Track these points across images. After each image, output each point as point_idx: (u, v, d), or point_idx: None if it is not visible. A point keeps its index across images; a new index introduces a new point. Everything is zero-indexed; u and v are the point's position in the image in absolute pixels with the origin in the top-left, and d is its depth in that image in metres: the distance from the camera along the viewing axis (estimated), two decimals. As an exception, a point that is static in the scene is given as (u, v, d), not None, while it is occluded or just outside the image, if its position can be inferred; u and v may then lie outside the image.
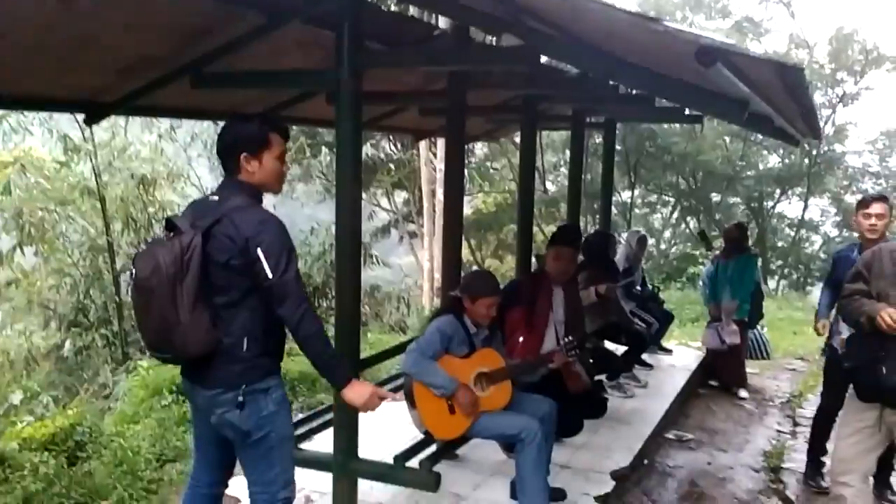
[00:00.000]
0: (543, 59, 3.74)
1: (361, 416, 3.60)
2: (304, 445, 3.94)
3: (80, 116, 9.28)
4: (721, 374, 6.89)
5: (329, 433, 3.76)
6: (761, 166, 19.34)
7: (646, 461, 4.92)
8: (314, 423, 4.06)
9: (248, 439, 2.67)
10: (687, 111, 6.05)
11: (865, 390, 3.22)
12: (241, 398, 2.60)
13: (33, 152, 10.05)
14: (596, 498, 4.16)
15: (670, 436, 5.48)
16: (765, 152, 19.42)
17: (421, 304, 13.69)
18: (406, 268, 18.86)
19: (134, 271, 2.53)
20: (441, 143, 11.27)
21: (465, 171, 15.67)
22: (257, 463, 2.72)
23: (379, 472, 3.65)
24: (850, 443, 3.44)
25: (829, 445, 4.23)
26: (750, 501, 4.45)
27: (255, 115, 2.87)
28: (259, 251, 2.51)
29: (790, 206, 20.56)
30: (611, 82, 4.53)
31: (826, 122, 18.83)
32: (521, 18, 3.11)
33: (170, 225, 2.61)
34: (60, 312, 11.30)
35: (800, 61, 18.42)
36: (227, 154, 2.70)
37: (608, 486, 4.34)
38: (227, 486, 3.01)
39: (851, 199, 19.54)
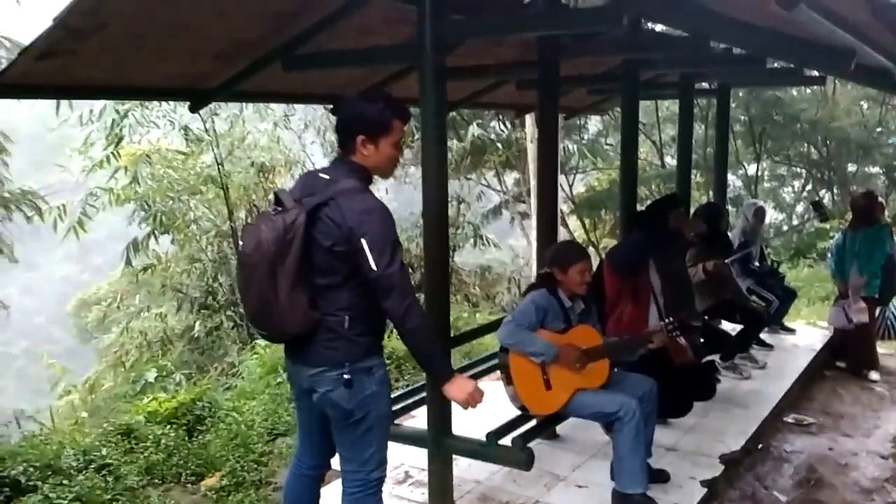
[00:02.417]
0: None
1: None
2: (402, 421, 3.99)
3: (202, 109, 9.87)
4: (849, 356, 6.39)
5: (420, 414, 3.79)
6: (904, 132, 17.80)
7: (760, 445, 4.63)
8: (411, 400, 4.08)
9: (350, 419, 2.68)
10: (806, 72, 5.62)
11: None
12: (346, 375, 2.61)
13: (160, 143, 10.72)
14: (702, 482, 3.96)
15: (789, 419, 5.13)
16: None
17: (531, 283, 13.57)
18: (518, 249, 18.76)
19: (241, 244, 2.60)
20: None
21: (574, 147, 15.39)
22: (355, 442, 2.73)
23: (472, 449, 3.63)
24: None
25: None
26: (875, 490, 4.10)
27: (379, 95, 2.78)
28: (363, 242, 2.49)
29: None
30: (712, 43, 4.24)
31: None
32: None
33: (276, 199, 2.62)
34: (191, 296, 12.02)
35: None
36: (345, 132, 2.67)
37: (717, 470, 4.12)
38: (329, 467, 3.04)
39: None
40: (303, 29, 3.73)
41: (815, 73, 6.01)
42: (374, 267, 2.49)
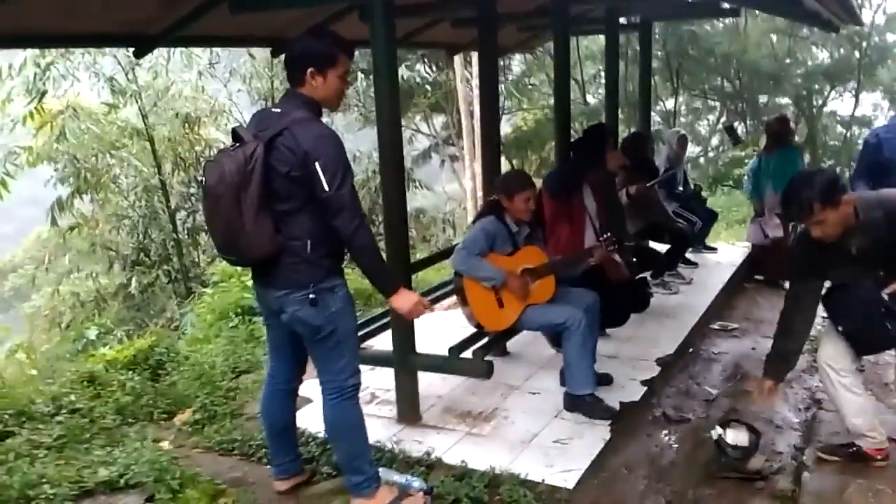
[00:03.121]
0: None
1: (417, 320, 3.90)
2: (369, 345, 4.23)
3: (124, 60, 9.58)
4: (767, 268, 6.94)
5: (388, 336, 4.04)
6: (810, 63, 18.70)
7: (691, 349, 5.10)
8: (373, 326, 4.32)
9: (319, 334, 2.90)
10: (722, 4, 5.95)
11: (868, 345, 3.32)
12: (312, 296, 2.82)
13: (80, 99, 10.37)
14: (642, 382, 4.37)
15: (715, 326, 5.62)
16: (813, 48, 18.74)
17: (467, 224, 13.90)
18: (449, 192, 19.01)
19: (203, 179, 2.75)
20: (476, 60, 11.20)
21: (502, 87, 15.60)
22: (327, 355, 2.96)
23: (435, 364, 3.92)
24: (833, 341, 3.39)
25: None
26: (794, 379, 4.58)
27: (326, 31, 2.95)
28: (317, 165, 2.66)
29: (842, 104, 19.93)
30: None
31: (877, 11, 18.04)
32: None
33: (235, 135, 2.79)
34: (123, 253, 11.85)
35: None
36: (295, 66, 2.82)
37: (654, 371, 4.55)
38: (301, 381, 3.28)
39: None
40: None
41: (727, 5, 6.35)
42: (326, 188, 2.68)
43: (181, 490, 3.20)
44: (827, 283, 3.38)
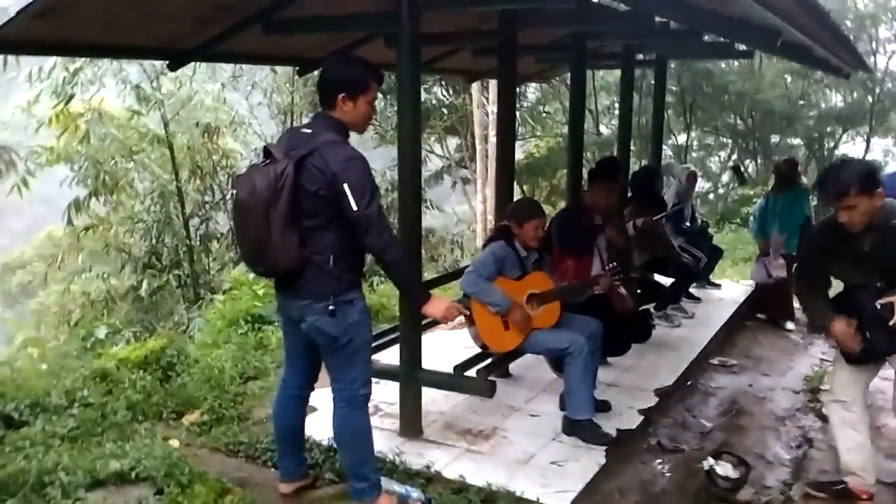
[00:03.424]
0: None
1: (424, 336, 4.04)
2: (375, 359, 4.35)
3: (150, 69, 9.81)
4: (769, 308, 7.04)
5: (394, 351, 4.17)
6: (823, 105, 18.87)
7: (689, 382, 5.21)
8: (381, 341, 4.45)
9: (336, 344, 3.04)
10: (738, 46, 6.11)
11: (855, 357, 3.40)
12: (331, 307, 2.96)
13: (104, 104, 10.61)
14: (640, 411, 4.48)
15: (714, 361, 5.73)
16: (827, 91, 18.91)
17: (475, 246, 14.05)
18: (459, 214, 19.17)
19: (235, 192, 2.91)
20: (493, 86, 11.40)
21: (517, 114, 15.84)
22: (343, 364, 3.10)
23: (440, 381, 4.05)
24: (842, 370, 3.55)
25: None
26: (787, 417, 4.71)
27: (358, 59, 3.13)
28: (345, 186, 2.82)
29: (853, 147, 20.04)
30: (657, 18, 4.67)
31: (890, 58, 18.23)
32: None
33: (266, 152, 2.95)
34: (135, 256, 12.03)
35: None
36: (327, 90, 3.00)
37: (652, 401, 4.66)
38: (312, 389, 3.41)
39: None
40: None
41: (744, 47, 6.53)
42: (354, 208, 2.84)
43: (189, 486, 3.32)
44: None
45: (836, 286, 3.54)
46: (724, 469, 3.52)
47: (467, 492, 3.44)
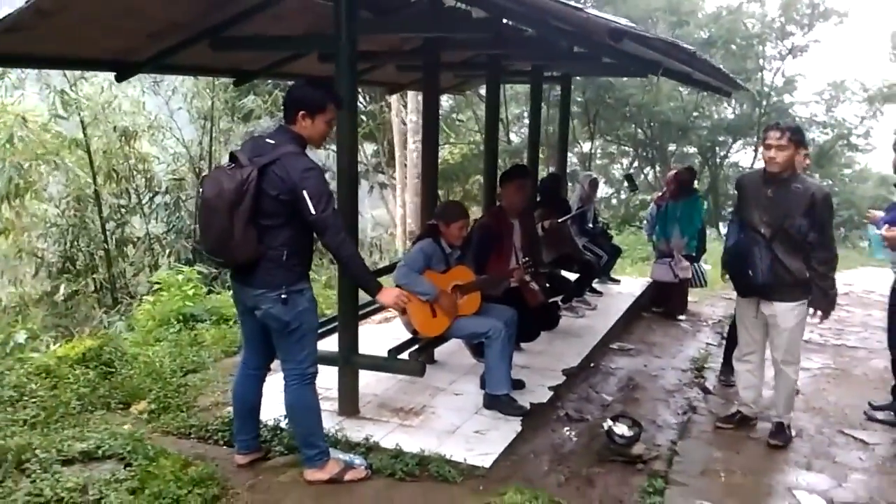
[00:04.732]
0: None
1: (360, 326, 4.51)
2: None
3: (71, 74, 9.82)
4: (667, 303, 7.76)
5: (332, 340, 4.61)
6: (715, 117, 20.34)
7: (592, 364, 5.87)
8: (321, 330, 4.86)
9: (287, 328, 3.48)
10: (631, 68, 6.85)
11: (740, 288, 4.35)
12: (284, 296, 3.40)
13: (19, 106, 10.50)
14: (549, 388, 5.09)
15: (614, 346, 6.44)
16: (718, 104, 20.40)
17: (394, 248, 14.51)
18: (376, 218, 19.61)
19: (202, 191, 3.31)
20: (411, 95, 11.92)
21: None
22: (293, 346, 3.54)
23: (376, 364, 4.53)
24: (743, 329, 4.46)
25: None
26: (675, 390, 5.43)
27: (322, 83, 3.58)
28: (304, 193, 3.26)
29: (744, 155, 21.65)
30: (563, 42, 5.29)
31: (776, 74, 19.87)
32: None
33: (232, 157, 3.36)
34: (48, 261, 11.88)
35: (751, 13, 19.36)
36: (290, 107, 3.42)
37: (560, 379, 5.28)
38: (269, 369, 3.83)
39: (797, 147, 20.72)
40: (230, 15, 4.37)
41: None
42: (312, 212, 3.29)
43: (155, 459, 3.68)
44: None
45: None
46: (621, 429, 4.15)
47: (403, 457, 3.93)
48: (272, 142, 3.40)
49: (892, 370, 4.83)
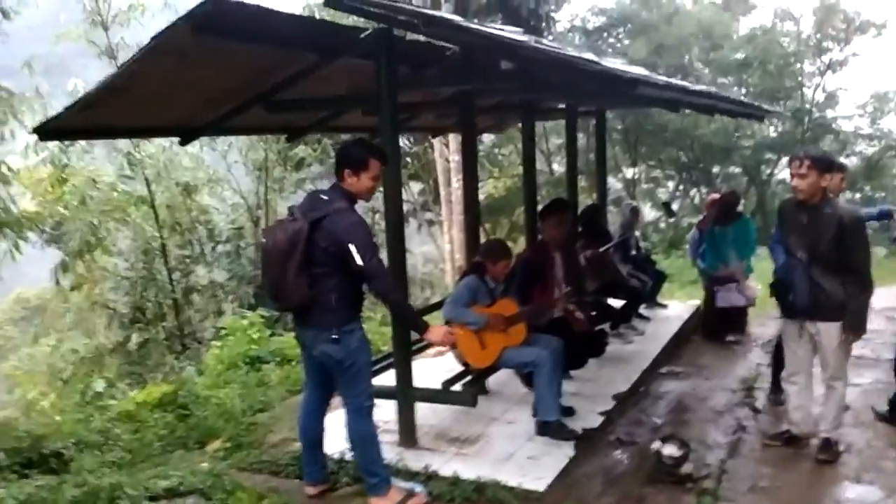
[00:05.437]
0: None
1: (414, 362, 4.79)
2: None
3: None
4: (734, 328, 7.60)
5: (390, 375, 4.89)
6: (759, 136, 20.26)
7: (642, 388, 6.02)
8: (377, 367, 5.16)
9: (342, 366, 3.79)
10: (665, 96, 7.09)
11: (784, 310, 4.47)
12: (335, 336, 3.72)
13: (89, 169, 11.26)
14: (600, 413, 5.27)
15: (663, 370, 6.56)
16: (760, 123, 20.31)
17: (444, 284, 14.82)
18: (426, 254, 19.97)
19: (264, 241, 3.67)
20: (452, 135, 12.29)
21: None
22: (349, 382, 3.85)
23: (431, 396, 4.79)
24: (789, 351, 4.59)
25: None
26: (725, 411, 5.54)
27: (363, 142, 3.93)
28: (351, 246, 3.58)
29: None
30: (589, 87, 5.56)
31: (816, 90, 19.76)
32: (514, 50, 4.14)
33: (290, 211, 3.73)
34: (120, 312, 12.55)
35: (786, 32, 19.36)
36: (338, 167, 3.79)
37: (610, 404, 5.45)
38: (329, 403, 4.14)
39: (846, 161, 20.46)
40: (278, 80, 4.77)
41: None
42: (360, 262, 3.61)
43: (232, 493, 4.00)
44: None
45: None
46: (670, 450, 4.31)
47: (461, 484, 4.17)
48: (325, 198, 3.74)
49: None
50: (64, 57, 13.49)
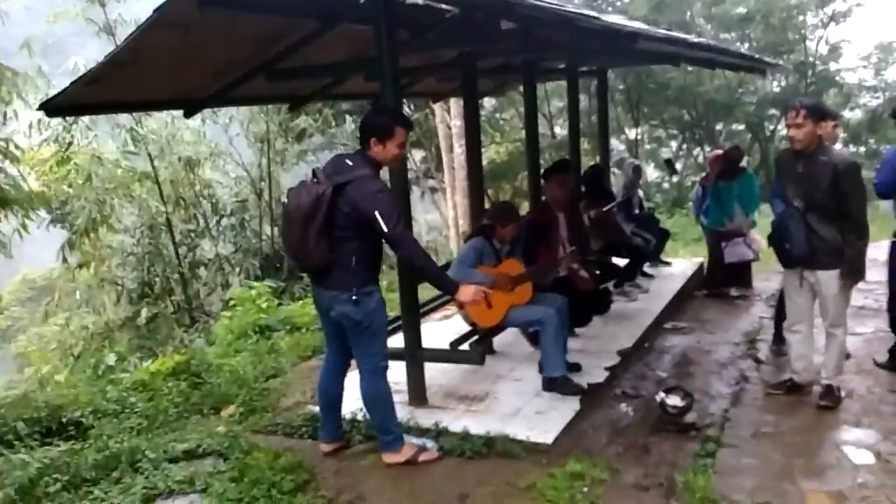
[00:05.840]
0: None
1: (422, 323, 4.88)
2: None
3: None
4: (740, 282, 7.70)
5: (398, 338, 4.98)
6: (761, 92, 20.10)
7: (646, 344, 6.11)
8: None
9: (360, 327, 3.86)
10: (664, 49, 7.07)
11: (782, 259, 4.55)
12: (354, 297, 3.79)
13: (93, 146, 11.31)
14: (605, 368, 5.37)
15: (667, 326, 6.65)
16: (763, 78, 20.16)
17: (448, 250, 14.91)
18: (429, 222, 20.05)
19: (286, 202, 3.73)
20: (453, 100, 12.28)
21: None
22: (366, 342, 3.93)
23: (439, 356, 4.90)
24: (790, 301, 4.67)
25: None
26: (728, 363, 5.64)
27: (387, 109, 3.95)
28: (376, 213, 3.61)
29: (795, 128, 21.23)
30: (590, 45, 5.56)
31: (819, 42, 19.55)
32: (513, 8, 4.14)
33: (314, 173, 3.77)
34: (128, 287, 12.68)
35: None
36: (363, 134, 3.81)
37: (615, 360, 5.54)
38: (349, 365, 4.21)
39: (850, 114, 20.33)
40: (281, 49, 4.80)
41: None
42: (385, 229, 3.65)
43: (249, 453, 4.12)
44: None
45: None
46: (673, 400, 4.42)
47: (471, 439, 4.28)
48: (350, 163, 3.77)
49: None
50: (61, 37, 13.48)
